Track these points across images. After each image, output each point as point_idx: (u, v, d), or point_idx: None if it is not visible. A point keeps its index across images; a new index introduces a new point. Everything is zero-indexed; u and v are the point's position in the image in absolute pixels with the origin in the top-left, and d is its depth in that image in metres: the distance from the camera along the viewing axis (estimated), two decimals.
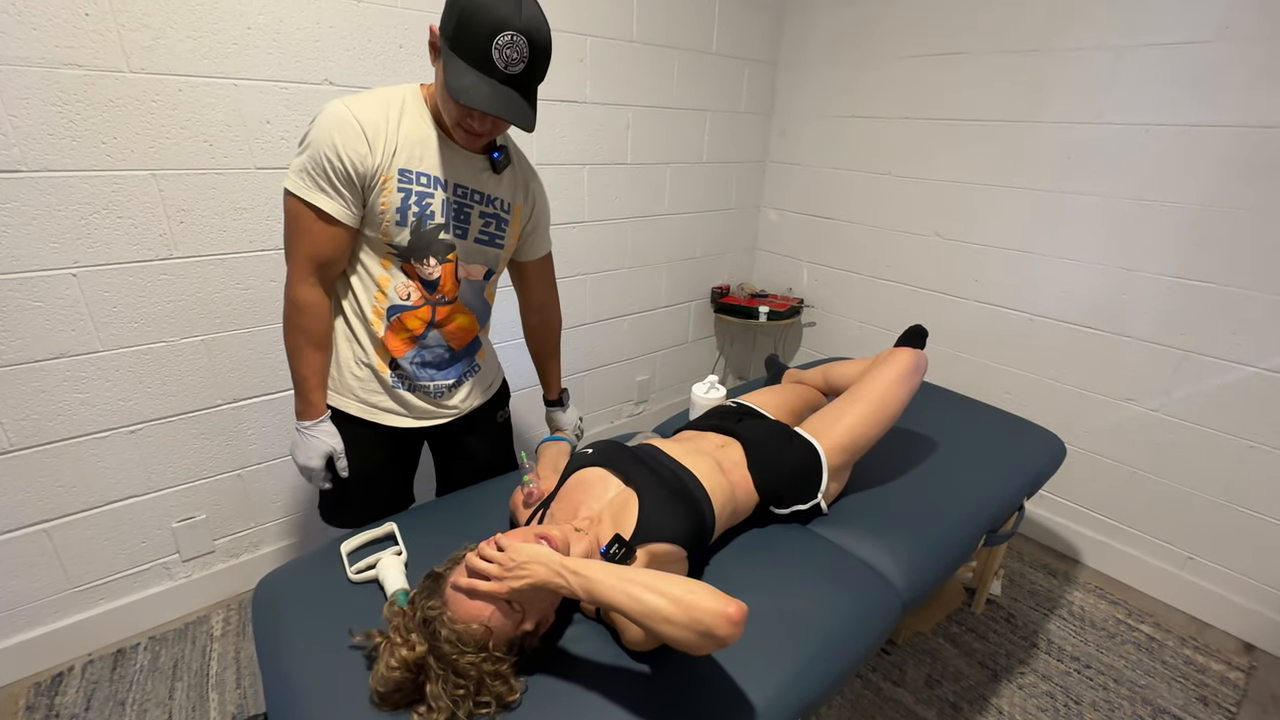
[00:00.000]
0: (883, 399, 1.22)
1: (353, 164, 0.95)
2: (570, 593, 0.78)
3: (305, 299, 1.03)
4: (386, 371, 1.12)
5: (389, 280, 1.07)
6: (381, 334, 1.09)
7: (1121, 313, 1.81)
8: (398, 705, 0.78)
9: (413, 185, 1.01)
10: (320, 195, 0.97)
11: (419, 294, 1.08)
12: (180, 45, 1.31)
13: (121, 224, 1.35)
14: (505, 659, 0.80)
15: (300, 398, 1.09)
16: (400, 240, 1.03)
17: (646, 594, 0.74)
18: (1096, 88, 1.74)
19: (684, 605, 0.72)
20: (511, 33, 0.86)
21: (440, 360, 1.16)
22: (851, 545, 1.16)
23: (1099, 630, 1.77)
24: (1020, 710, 1.51)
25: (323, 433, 1.11)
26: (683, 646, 0.74)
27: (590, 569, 0.78)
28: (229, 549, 1.74)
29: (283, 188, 0.99)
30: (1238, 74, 1.51)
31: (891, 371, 1.25)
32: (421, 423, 1.19)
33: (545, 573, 0.77)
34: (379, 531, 1.12)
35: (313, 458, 1.10)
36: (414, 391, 1.15)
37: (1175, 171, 1.65)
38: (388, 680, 0.76)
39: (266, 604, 0.99)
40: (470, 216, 1.09)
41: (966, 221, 2.10)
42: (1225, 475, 1.71)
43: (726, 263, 2.78)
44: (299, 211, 0.98)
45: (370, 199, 0.99)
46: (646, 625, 0.74)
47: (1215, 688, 1.60)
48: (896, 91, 2.19)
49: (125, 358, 1.44)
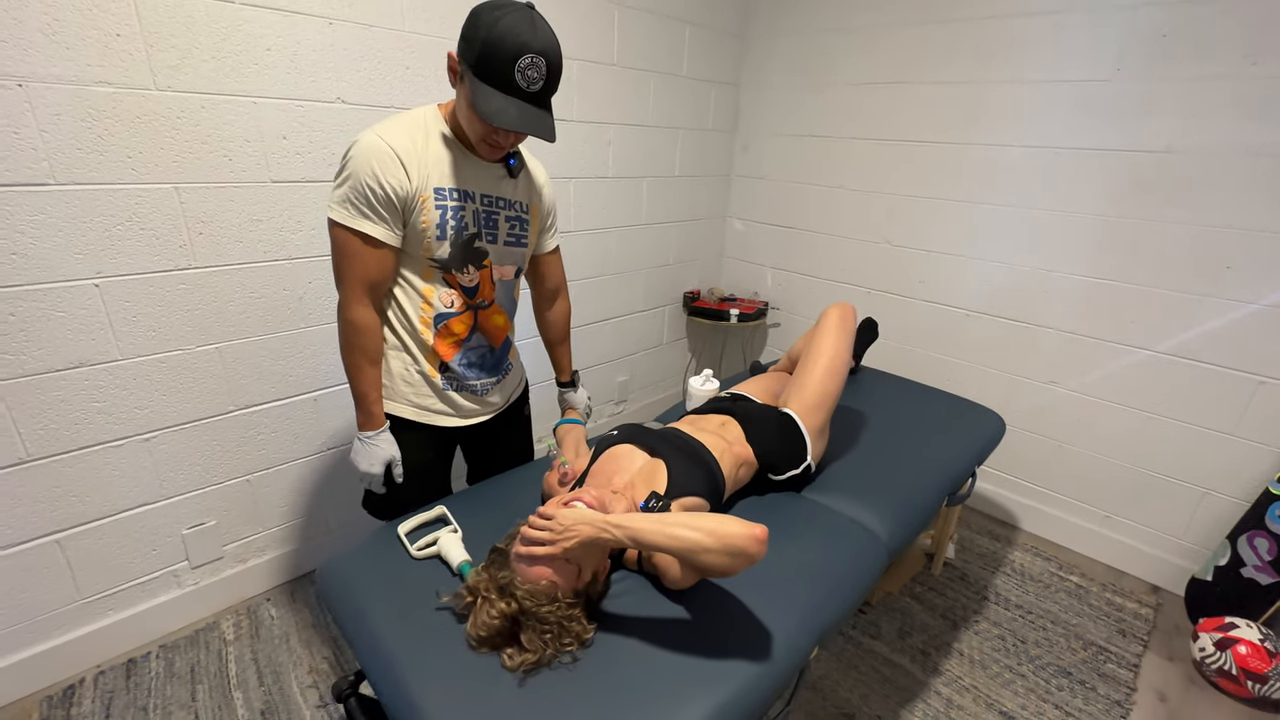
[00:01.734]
0: (830, 355, 1.43)
1: (393, 189, 1.03)
2: (617, 543, 0.92)
3: (362, 320, 1.11)
4: (437, 376, 1.22)
5: (433, 291, 1.16)
6: (431, 341, 1.18)
7: (1043, 307, 2.11)
8: (494, 647, 0.90)
9: (448, 202, 1.10)
10: (366, 221, 1.04)
11: (461, 301, 1.18)
12: (204, 65, 1.38)
13: (144, 235, 1.39)
14: (576, 604, 0.93)
15: (362, 411, 1.17)
16: (441, 254, 1.12)
17: (684, 530, 0.89)
18: (1017, 116, 2.03)
19: (717, 535, 0.88)
20: (531, 55, 0.94)
21: (484, 360, 1.27)
22: (840, 507, 1.34)
23: (1036, 582, 2.04)
24: (978, 651, 1.74)
25: (384, 441, 1.19)
26: (720, 570, 0.89)
27: (631, 520, 0.92)
28: (237, 554, 1.76)
29: (327, 220, 1.07)
30: (1129, 107, 1.82)
31: (827, 330, 1.46)
32: (468, 420, 1.29)
33: (591, 530, 0.91)
34: (429, 515, 1.21)
35: (375, 464, 1.18)
36: (461, 392, 1.25)
37: (1081, 187, 1.95)
38: (489, 626, 0.89)
39: (338, 584, 1.07)
40: (498, 222, 1.19)
41: (912, 230, 2.37)
42: (1132, 443, 2.02)
43: (697, 269, 2.97)
44: (346, 239, 1.05)
45: (411, 219, 1.07)
46: (687, 557, 0.89)
47: (1131, 622, 1.88)
48: (848, 114, 2.44)
49: (143, 366, 1.47)
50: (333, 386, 1.80)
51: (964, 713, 1.55)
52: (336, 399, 1.82)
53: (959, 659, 1.72)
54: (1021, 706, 1.58)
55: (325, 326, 1.73)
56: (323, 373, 1.77)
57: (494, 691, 0.86)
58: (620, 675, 0.89)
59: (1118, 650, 1.77)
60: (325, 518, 1.92)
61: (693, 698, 0.86)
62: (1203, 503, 1.93)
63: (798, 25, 2.51)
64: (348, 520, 1.97)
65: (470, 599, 0.94)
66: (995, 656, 1.73)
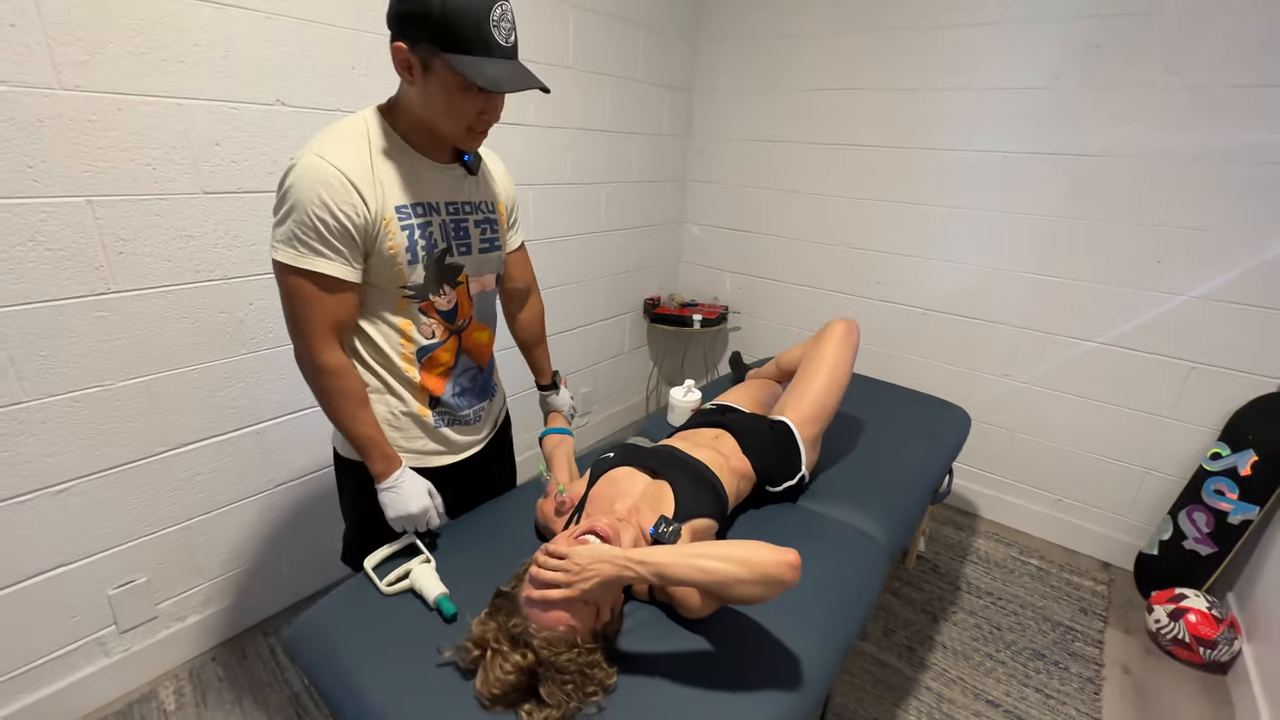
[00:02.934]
0: (831, 367, 1.42)
1: (348, 218, 0.88)
2: (639, 580, 0.86)
3: (336, 363, 0.97)
4: (428, 414, 1.10)
5: (411, 325, 1.02)
6: (418, 377, 1.06)
7: (996, 304, 2.20)
8: (509, 705, 0.81)
9: (413, 219, 0.96)
10: (319, 260, 0.89)
11: (442, 328, 1.06)
12: (120, 61, 1.21)
13: (51, 257, 1.20)
14: (596, 648, 0.86)
15: (376, 458, 1.03)
16: (415, 279, 0.99)
17: (714, 563, 0.84)
18: (966, 121, 2.11)
19: (749, 564, 0.83)
20: (500, 4, 0.84)
21: (474, 383, 1.16)
22: (837, 514, 1.33)
23: (1001, 568, 2.13)
24: (958, 642, 1.79)
25: (410, 477, 1.06)
26: (752, 600, 0.85)
27: (653, 555, 0.86)
28: (174, 612, 1.57)
29: (273, 260, 0.91)
30: (1068, 113, 1.93)
31: (830, 342, 1.45)
32: (461, 455, 1.18)
33: (611, 569, 0.84)
34: (397, 545, 1.11)
35: (420, 499, 1.06)
36: (454, 426, 1.14)
37: (1028, 189, 2.05)
38: (504, 682, 0.80)
39: (312, 645, 0.95)
40: (468, 230, 1.06)
41: (869, 232, 2.43)
42: (1079, 429, 2.14)
43: (655, 275, 2.94)
44: (298, 284, 0.90)
45: (375, 248, 0.93)
46: (719, 591, 0.84)
47: (1090, 600, 1.99)
48: (801, 119, 2.47)
49: (53, 408, 1.27)
50: (280, 417, 1.64)
51: (954, 705, 1.58)
52: (285, 430, 1.66)
53: (943, 652, 1.75)
54: (1005, 693, 1.62)
55: (269, 352, 1.57)
56: (268, 402, 1.60)
57: None
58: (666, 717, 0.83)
59: (1082, 628, 1.86)
60: (277, 561, 1.74)
61: None
62: (1144, 482, 2.06)
63: (748, 30, 2.52)
64: (302, 561, 1.79)
65: (477, 652, 0.85)
66: (975, 646, 1.78)
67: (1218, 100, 1.70)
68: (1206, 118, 1.72)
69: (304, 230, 0.87)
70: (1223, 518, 1.80)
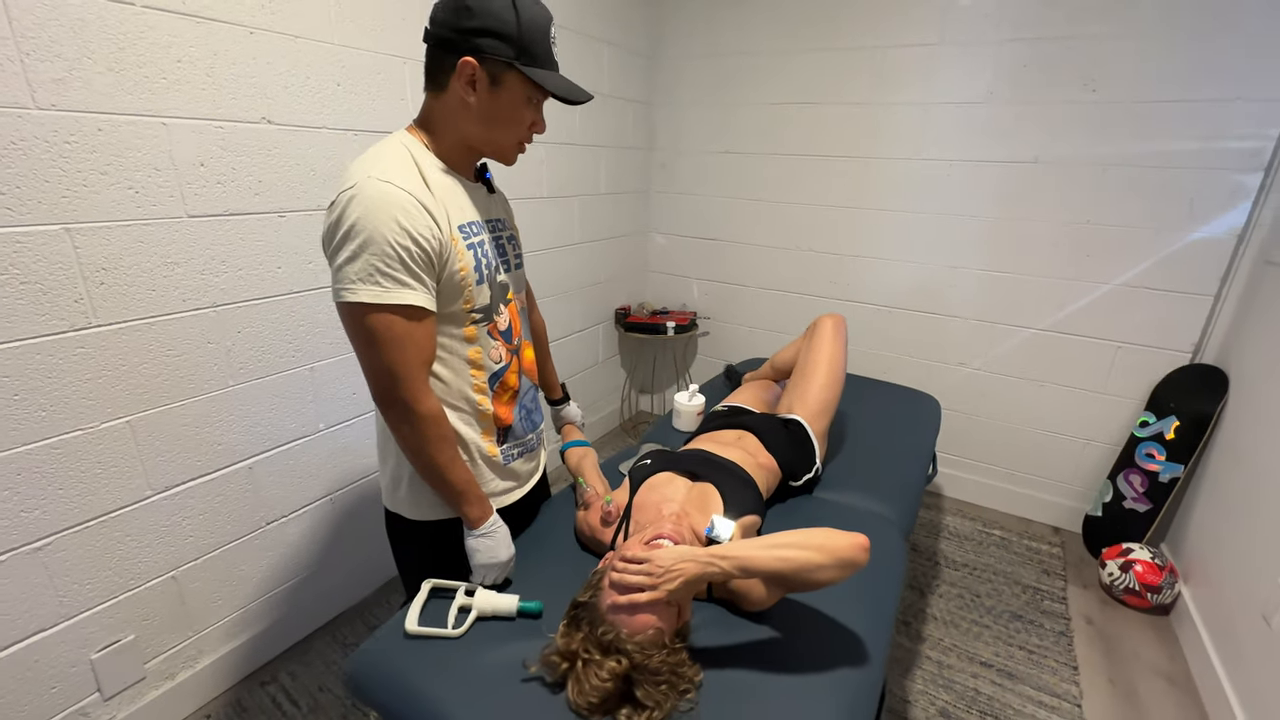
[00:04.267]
0: (829, 362, 1.51)
1: (428, 242, 0.84)
2: (723, 576, 0.90)
3: (435, 409, 0.92)
4: (497, 452, 1.06)
5: (480, 352, 0.99)
6: (490, 408, 1.03)
7: (949, 299, 2.40)
8: (606, 712, 0.82)
9: (472, 238, 0.94)
10: (406, 291, 0.83)
11: (504, 348, 1.04)
12: (99, 79, 1.12)
13: (26, 291, 1.10)
14: (681, 647, 0.88)
15: (473, 504, 0.99)
16: (482, 300, 0.96)
17: (794, 552, 0.89)
18: (912, 134, 2.30)
19: (827, 550, 0.89)
20: (551, 21, 0.89)
21: (534, 404, 1.14)
22: (851, 501, 1.42)
23: (971, 541, 2.31)
24: (946, 613, 1.93)
25: (501, 523, 1.04)
26: (828, 583, 0.91)
27: (735, 550, 0.91)
28: (163, 670, 1.44)
29: (350, 304, 0.82)
30: (1002, 125, 2.14)
31: (823, 339, 1.55)
32: (528, 487, 1.16)
33: (695, 568, 0.88)
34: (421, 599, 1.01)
35: (510, 546, 1.04)
36: (521, 458, 1.12)
37: (971, 194, 2.26)
38: (601, 690, 0.80)
39: (378, 676, 0.92)
40: (504, 247, 1.05)
41: (828, 237, 2.58)
42: (1027, 408, 2.37)
43: (624, 285, 2.98)
44: (389, 323, 0.83)
45: (446, 271, 0.89)
46: (800, 577, 0.90)
47: (1048, 561, 2.20)
48: (761, 132, 2.60)
49: (30, 456, 1.15)
50: (271, 450, 1.55)
51: (954, 670, 1.71)
52: (276, 464, 1.57)
53: (934, 623, 1.89)
54: (995, 654, 1.77)
55: (259, 381, 1.49)
56: (258, 435, 1.52)
57: None
58: (745, 709, 0.86)
59: (1048, 588, 2.06)
60: (270, 605, 1.64)
61: (828, 708, 0.86)
62: (1085, 451, 2.31)
63: (706, 49, 2.62)
64: (296, 603, 1.70)
65: (566, 665, 0.86)
66: (961, 614, 1.93)
67: (1129, 114, 1.95)
68: (1120, 129, 1.97)
69: (386, 262, 0.81)
70: (1154, 477, 2.05)
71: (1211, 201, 1.92)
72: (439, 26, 0.86)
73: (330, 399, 1.67)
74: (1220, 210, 1.91)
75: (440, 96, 0.90)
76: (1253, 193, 1.86)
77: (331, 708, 1.53)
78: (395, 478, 1.05)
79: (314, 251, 1.54)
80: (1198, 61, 1.83)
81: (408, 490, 1.05)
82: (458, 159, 0.97)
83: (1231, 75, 1.80)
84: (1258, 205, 1.87)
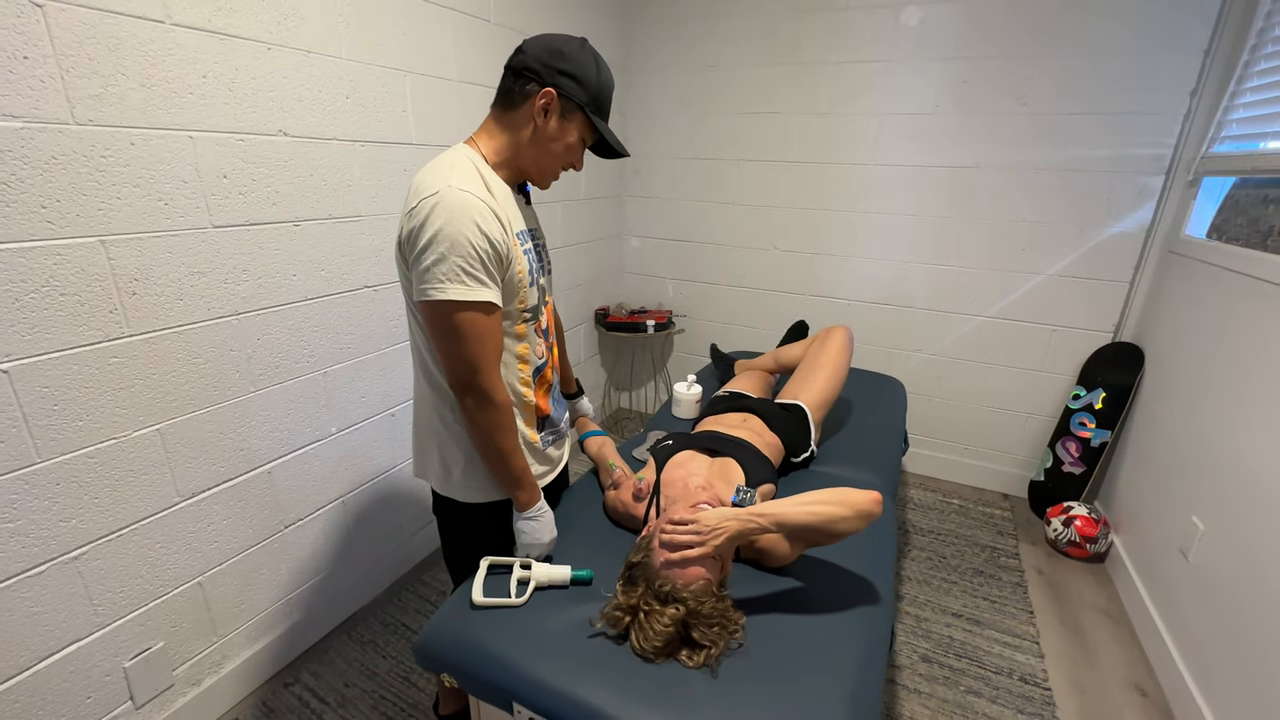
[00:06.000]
0: (835, 363, 1.69)
1: (499, 243, 0.94)
2: (762, 531, 1.03)
3: (507, 399, 1.02)
4: (537, 438, 1.16)
5: (528, 348, 1.09)
6: (534, 399, 1.12)
7: (906, 291, 2.64)
8: (670, 654, 0.94)
9: (524, 243, 1.05)
10: (486, 290, 0.93)
11: (544, 345, 1.15)
12: (132, 94, 1.15)
13: (65, 303, 1.12)
14: (726, 595, 1.02)
15: (525, 486, 1.09)
16: (532, 300, 1.06)
17: (821, 507, 1.04)
18: (869, 141, 2.52)
19: (849, 504, 1.04)
20: (614, 88, 1.06)
21: (558, 394, 1.25)
22: (843, 473, 1.59)
23: (934, 510, 2.54)
24: (919, 573, 2.14)
25: (547, 506, 1.14)
26: (849, 533, 1.06)
27: (772, 507, 1.05)
28: (190, 676, 1.45)
29: (439, 302, 0.91)
30: (948, 134, 2.39)
31: (834, 345, 1.72)
32: (559, 470, 1.26)
33: (738, 525, 1.01)
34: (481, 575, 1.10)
35: (553, 528, 1.14)
36: (555, 442, 1.22)
37: (922, 195, 2.49)
38: (664, 634, 0.92)
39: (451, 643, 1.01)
40: (542, 253, 1.17)
41: (794, 237, 2.78)
42: (978, 388, 2.63)
43: (602, 287, 3.09)
44: (472, 319, 0.93)
45: (509, 273, 0.99)
46: (826, 529, 1.04)
47: (1001, 524, 2.46)
48: (730, 139, 2.77)
49: (68, 467, 1.16)
50: (288, 454, 1.58)
51: (930, 622, 1.91)
52: (293, 468, 1.60)
53: (910, 583, 2.09)
54: (964, 606, 1.99)
55: (277, 388, 1.52)
56: (276, 439, 1.55)
57: (693, 691, 0.91)
58: (788, 643, 1.00)
59: (1002, 547, 2.31)
60: (289, 608, 1.66)
61: (855, 637, 1.01)
62: (1027, 424, 2.59)
63: (674, 62, 2.77)
64: (313, 604, 1.73)
65: (629, 618, 0.97)
66: (932, 574, 2.14)
67: (1055, 125, 2.22)
68: (1048, 138, 2.24)
69: (470, 262, 0.90)
70: (1087, 443, 2.33)
71: (1125, 200, 2.21)
72: (531, 59, 0.98)
73: (342, 403, 1.71)
74: (1132, 208, 2.21)
75: (507, 115, 1.01)
76: (1157, 193, 2.17)
77: (360, 701, 1.57)
78: (446, 465, 1.14)
79: (325, 259, 1.59)
80: (1110, 79, 2.12)
81: (460, 475, 1.13)
82: (507, 173, 1.07)
83: (1137, 91, 2.09)
84: (1161, 203, 2.17)
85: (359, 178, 1.64)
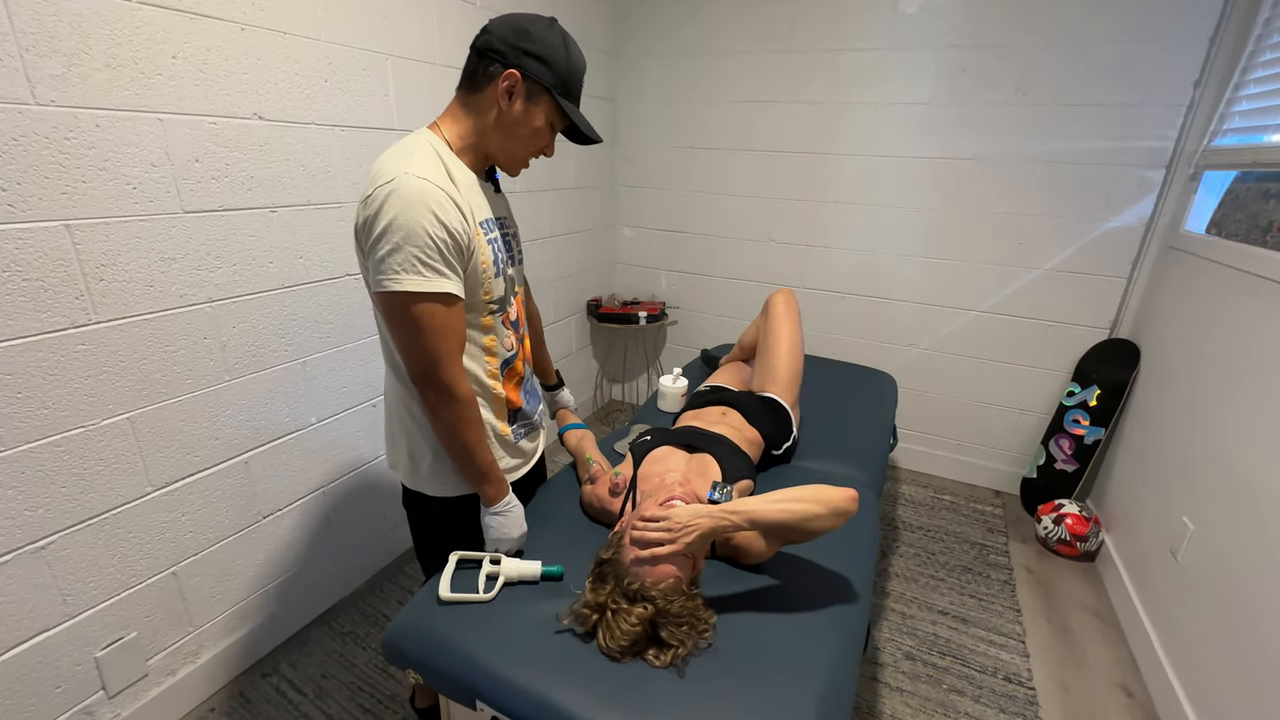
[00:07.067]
0: (787, 337, 1.64)
1: (458, 233, 0.90)
2: (734, 528, 1.01)
3: (470, 392, 1.00)
4: (508, 430, 1.14)
5: (495, 340, 1.06)
6: (503, 391, 1.10)
7: (899, 285, 2.60)
8: (637, 653, 0.92)
9: (489, 233, 1.01)
10: (444, 280, 0.90)
11: (513, 337, 1.11)
12: (97, 74, 1.12)
13: (28, 289, 1.09)
14: (697, 594, 0.99)
15: (493, 481, 1.07)
16: (498, 292, 1.03)
17: (795, 505, 1.02)
18: (866, 132, 2.47)
19: (823, 502, 1.02)
20: (585, 70, 1.01)
21: (534, 386, 1.23)
22: (827, 469, 1.56)
23: (924, 506, 2.52)
24: (907, 568, 2.12)
25: (517, 501, 1.12)
26: (824, 531, 1.04)
27: (745, 504, 1.02)
28: (164, 667, 1.44)
29: (395, 293, 0.88)
30: (944, 124, 2.34)
31: (777, 315, 1.67)
32: (532, 463, 1.24)
33: (709, 522, 0.99)
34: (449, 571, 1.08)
35: (523, 523, 1.12)
36: (528, 435, 1.19)
37: (917, 187, 2.45)
38: (631, 634, 0.90)
39: (417, 639, 0.99)
40: (511, 243, 1.13)
41: (788, 228, 2.74)
42: (969, 383, 2.60)
43: (594, 277, 3.06)
44: (430, 311, 0.90)
45: (470, 263, 0.96)
46: (802, 526, 1.02)
47: (992, 521, 2.44)
48: (724, 128, 2.73)
49: (33, 456, 1.14)
50: (266, 444, 1.57)
51: (916, 620, 1.89)
52: (271, 458, 1.58)
53: (897, 579, 2.07)
54: (950, 603, 1.97)
55: (253, 377, 1.50)
56: (253, 430, 1.53)
57: (658, 691, 0.89)
58: (759, 642, 0.98)
59: (992, 544, 2.29)
60: (266, 598, 1.65)
61: (827, 637, 0.99)
62: (1020, 420, 2.56)
63: (668, 48, 2.72)
64: (290, 595, 1.71)
65: (596, 615, 0.95)
66: (919, 570, 2.12)
67: (1054, 116, 2.18)
68: (1047, 129, 2.20)
69: (426, 253, 0.87)
70: (1080, 441, 2.31)
71: (1124, 194, 2.17)
72: (495, 39, 0.94)
73: (321, 393, 1.69)
74: (1131, 202, 2.17)
75: (472, 98, 0.97)
76: (1157, 186, 2.12)
77: (338, 693, 1.56)
78: (415, 459, 1.12)
79: (304, 247, 1.56)
80: (1112, 69, 2.07)
81: (429, 469, 1.11)
82: (472, 160, 1.03)
83: (1139, 81, 2.05)
84: (1161, 197, 2.13)
85: (339, 163, 1.61)
